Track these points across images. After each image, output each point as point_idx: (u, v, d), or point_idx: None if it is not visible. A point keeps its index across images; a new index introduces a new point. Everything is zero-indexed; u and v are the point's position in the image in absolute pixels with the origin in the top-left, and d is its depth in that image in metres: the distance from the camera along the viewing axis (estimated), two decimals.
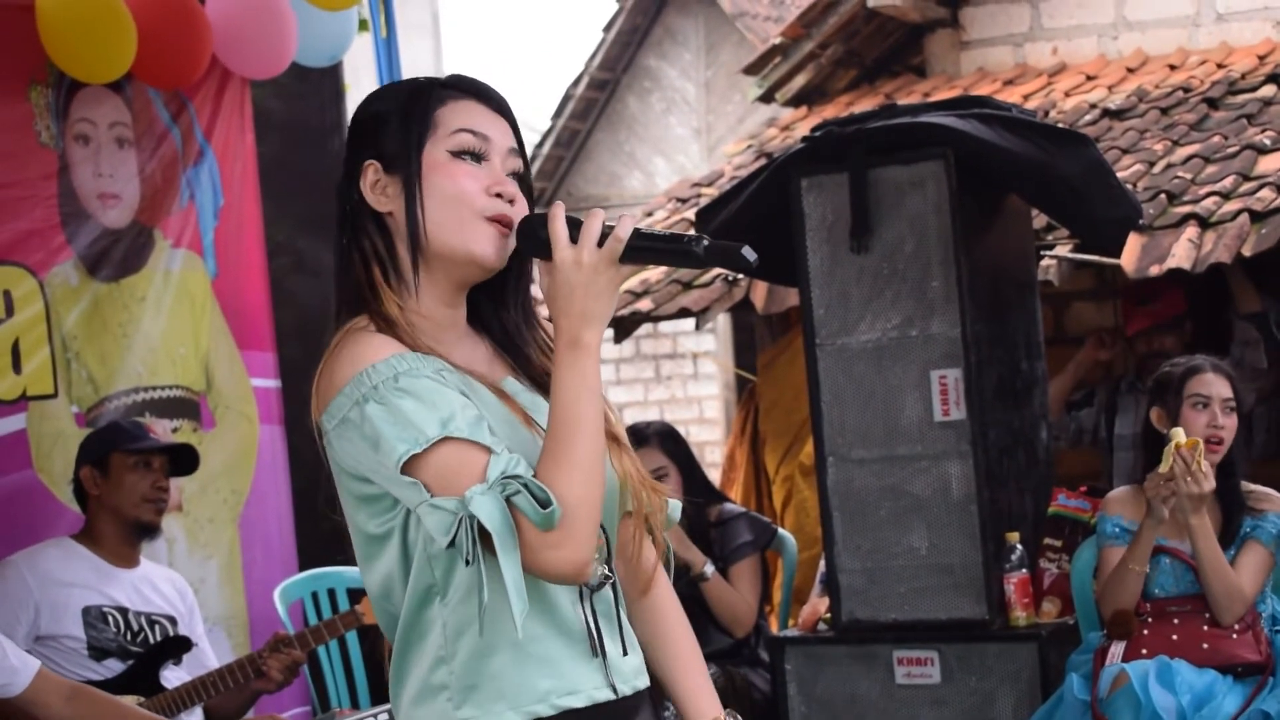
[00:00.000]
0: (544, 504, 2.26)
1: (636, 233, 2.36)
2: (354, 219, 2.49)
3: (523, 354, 2.56)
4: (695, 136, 15.12)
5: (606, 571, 2.47)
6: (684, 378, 14.36)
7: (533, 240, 2.42)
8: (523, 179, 2.51)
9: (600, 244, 2.35)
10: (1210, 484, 4.92)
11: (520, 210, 2.47)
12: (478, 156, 2.46)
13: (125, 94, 5.90)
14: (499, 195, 2.45)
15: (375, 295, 2.44)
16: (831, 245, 5.58)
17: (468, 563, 2.28)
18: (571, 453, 2.31)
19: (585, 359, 2.35)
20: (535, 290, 2.54)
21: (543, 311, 2.56)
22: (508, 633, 2.35)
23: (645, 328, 13.70)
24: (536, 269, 2.44)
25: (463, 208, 2.43)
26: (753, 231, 5.76)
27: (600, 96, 15.31)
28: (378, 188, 2.47)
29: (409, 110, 2.48)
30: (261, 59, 6.04)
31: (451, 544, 2.28)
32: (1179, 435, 4.96)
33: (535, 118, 18.59)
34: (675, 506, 2.65)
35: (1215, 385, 5.15)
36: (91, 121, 5.81)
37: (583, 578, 2.34)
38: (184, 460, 5.33)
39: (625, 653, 2.48)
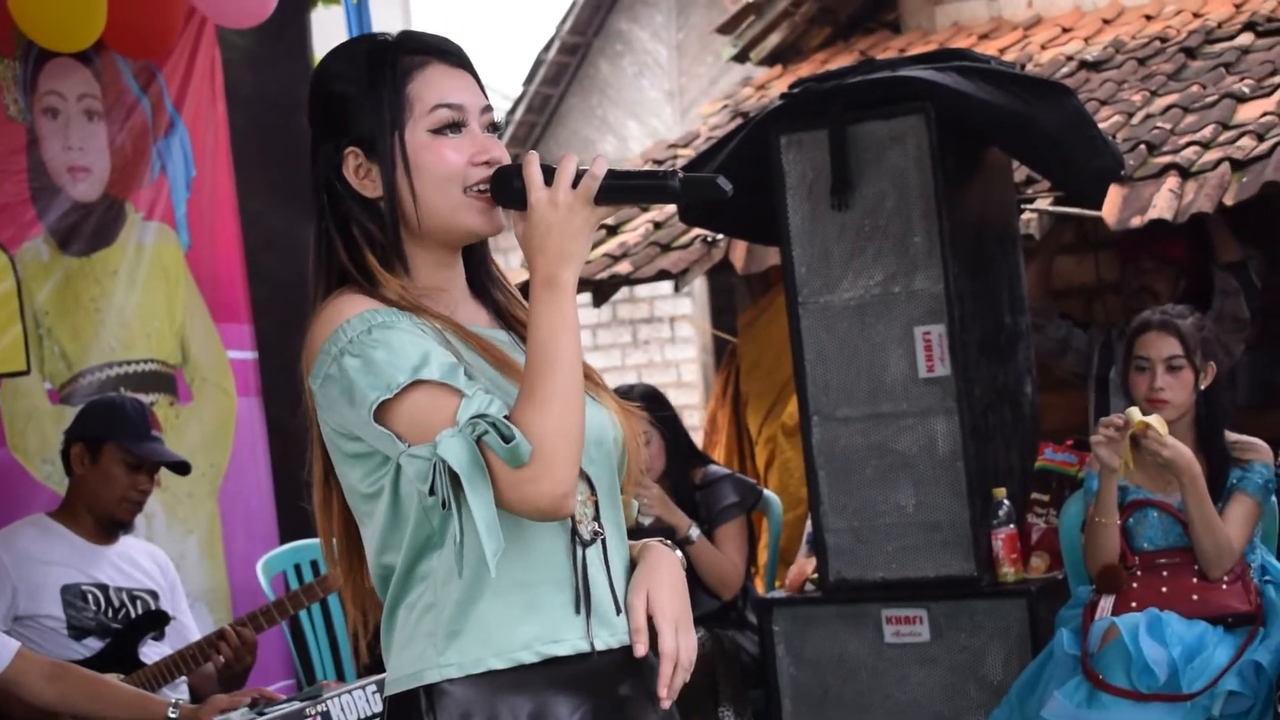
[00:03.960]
0: (507, 439, 2.26)
1: (610, 172, 2.37)
2: (337, 205, 2.49)
3: (515, 317, 2.59)
4: (668, 99, 15.01)
5: (596, 528, 2.47)
6: (661, 342, 14.28)
7: (507, 190, 2.43)
8: (495, 127, 2.53)
9: (575, 184, 2.37)
10: (1168, 450, 4.89)
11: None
12: (457, 126, 2.47)
13: (94, 65, 5.83)
14: (486, 163, 2.46)
15: (371, 279, 2.45)
16: (812, 203, 5.53)
17: (444, 506, 2.29)
18: (546, 386, 2.32)
19: (562, 297, 2.36)
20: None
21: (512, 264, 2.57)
22: (494, 579, 2.35)
23: (622, 292, 13.64)
24: (512, 219, 2.45)
25: (452, 186, 2.45)
26: (732, 190, 5.70)
27: (572, 61, 15.17)
28: (361, 172, 2.48)
29: (377, 89, 2.47)
30: (243, 6, 5.85)
31: (432, 491, 2.29)
32: (1134, 416, 4.94)
33: (506, 84, 18.44)
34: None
35: (1157, 345, 5.12)
36: (60, 94, 5.73)
37: (564, 512, 2.34)
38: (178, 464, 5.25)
39: (619, 611, 2.48)
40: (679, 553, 2.61)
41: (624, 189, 2.39)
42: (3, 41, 5.49)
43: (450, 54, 2.52)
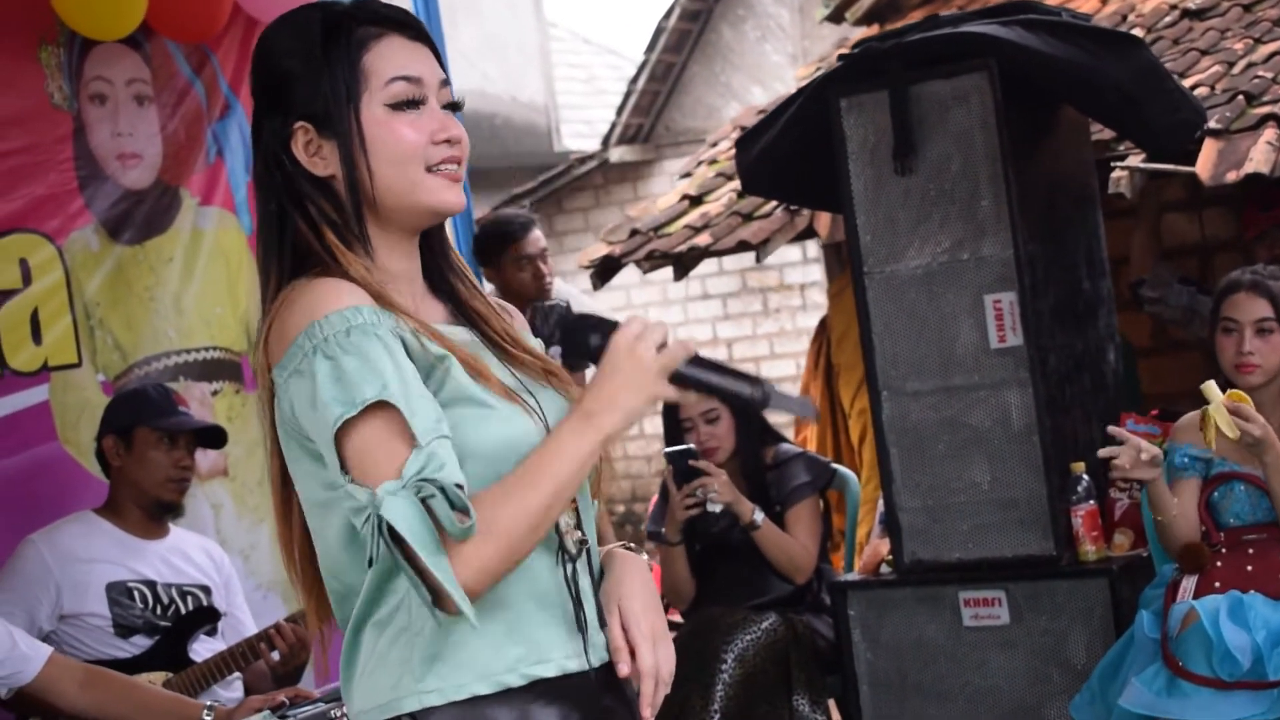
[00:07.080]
0: (460, 510, 2.14)
1: (697, 358, 2.24)
2: (289, 184, 2.36)
3: (476, 310, 2.45)
4: (792, 63, 14.76)
5: (581, 535, 2.35)
6: (792, 310, 14.08)
7: (580, 343, 2.32)
8: (455, 105, 2.40)
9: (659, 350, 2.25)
10: (1257, 428, 4.60)
11: (464, 146, 2.37)
12: (415, 102, 2.34)
13: (143, 49, 5.71)
14: (447, 141, 2.35)
15: (335, 260, 2.32)
16: (875, 167, 5.31)
17: (370, 563, 2.18)
18: (532, 496, 2.21)
19: (593, 435, 2.24)
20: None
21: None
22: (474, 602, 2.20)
23: (749, 260, 13.39)
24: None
25: (409, 164, 2.33)
26: (793, 157, 5.50)
27: (693, 28, 14.98)
28: (311, 149, 2.36)
29: (330, 62, 2.34)
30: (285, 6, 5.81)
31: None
32: (1213, 395, 4.64)
33: (628, 51, 18.23)
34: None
35: (1247, 306, 4.82)
36: (107, 80, 5.63)
37: (472, 594, 2.18)
38: (213, 436, 5.14)
39: (603, 625, 2.36)
40: (644, 556, 2.44)
41: (701, 381, 2.25)
42: (45, 28, 5.39)
43: (408, 26, 2.40)
